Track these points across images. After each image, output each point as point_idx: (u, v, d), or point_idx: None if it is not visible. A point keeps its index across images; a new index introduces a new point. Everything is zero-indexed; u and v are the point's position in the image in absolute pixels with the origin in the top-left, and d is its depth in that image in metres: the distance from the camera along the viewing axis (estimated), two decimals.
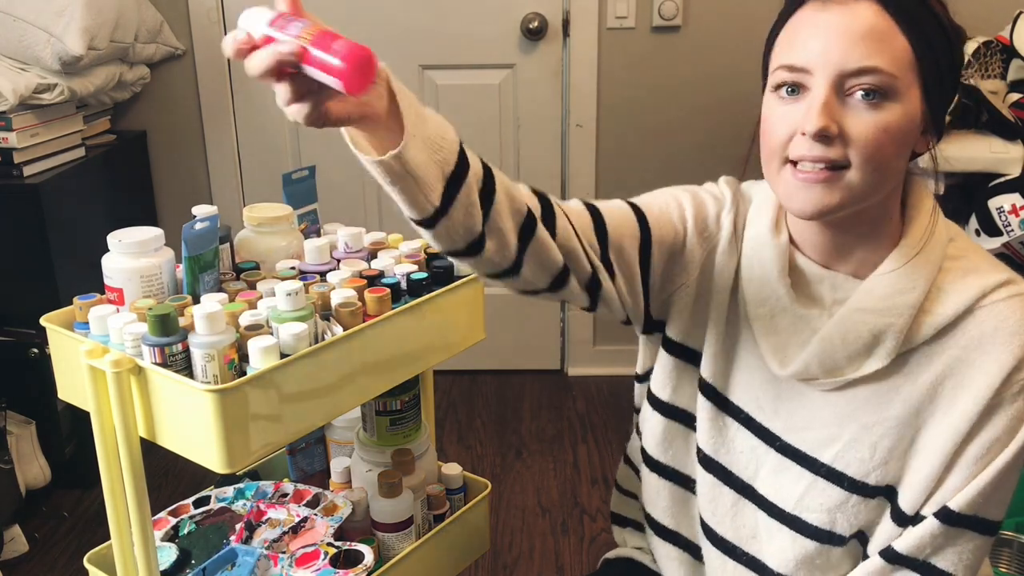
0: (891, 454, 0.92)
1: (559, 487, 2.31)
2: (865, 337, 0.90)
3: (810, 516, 0.96)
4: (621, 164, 2.68)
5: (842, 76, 0.83)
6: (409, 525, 1.19)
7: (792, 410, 0.97)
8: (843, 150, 0.84)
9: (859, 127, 0.83)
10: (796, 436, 0.97)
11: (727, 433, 1.02)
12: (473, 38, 2.59)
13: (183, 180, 2.74)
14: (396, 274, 1.17)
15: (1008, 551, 1.72)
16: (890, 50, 0.83)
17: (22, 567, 2.02)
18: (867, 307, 0.90)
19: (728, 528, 1.03)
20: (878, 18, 0.83)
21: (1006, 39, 2.18)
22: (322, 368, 1.01)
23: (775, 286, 0.95)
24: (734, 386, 1.01)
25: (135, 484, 0.99)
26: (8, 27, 2.14)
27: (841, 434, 0.94)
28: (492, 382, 2.84)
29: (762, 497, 1.00)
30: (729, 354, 1.01)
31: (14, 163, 2.10)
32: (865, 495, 0.94)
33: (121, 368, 0.94)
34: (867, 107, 0.83)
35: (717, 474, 1.03)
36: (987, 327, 0.88)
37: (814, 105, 0.83)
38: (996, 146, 1.98)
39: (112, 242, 1.07)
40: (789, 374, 0.95)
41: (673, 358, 1.04)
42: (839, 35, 0.83)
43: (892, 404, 0.91)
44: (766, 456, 0.99)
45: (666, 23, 2.55)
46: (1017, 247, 1.88)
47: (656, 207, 1.00)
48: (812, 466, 0.96)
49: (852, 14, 0.84)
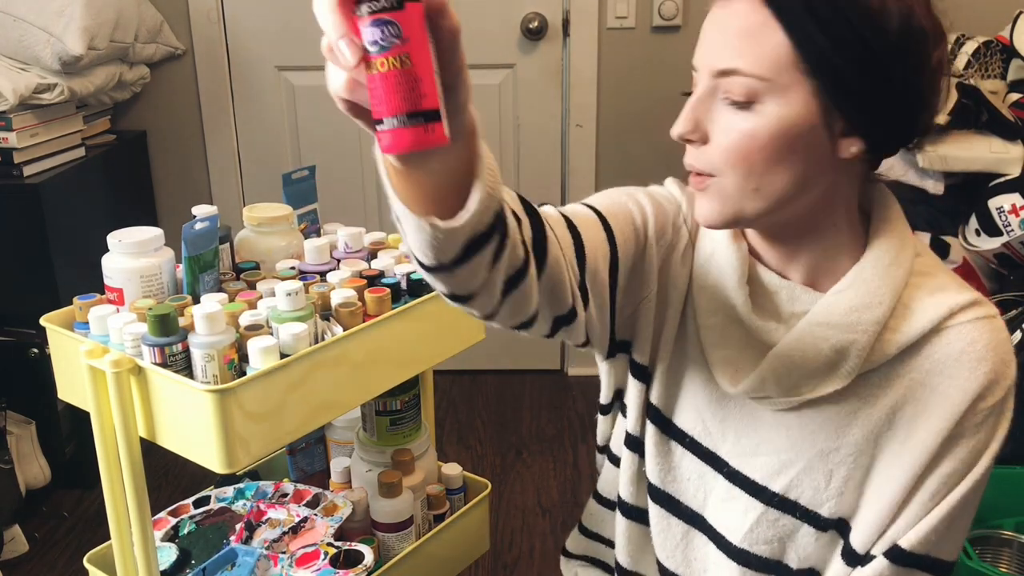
0: (846, 483, 0.86)
1: (559, 487, 2.31)
2: (826, 353, 0.83)
3: (760, 548, 0.90)
4: (621, 164, 2.68)
5: (714, 77, 0.78)
6: (409, 525, 1.19)
7: (741, 432, 0.90)
8: (708, 156, 0.80)
9: (721, 132, 0.79)
10: (745, 462, 0.90)
11: (672, 459, 0.95)
12: (473, 38, 2.59)
13: (183, 180, 2.74)
14: (396, 274, 1.17)
15: (1008, 551, 1.72)
16: (759, 49, 0.76)
17: (22, 567, 2.02)
18: (829, 322, 0.83)
19: (680, 563, 0.97)
20: (753, 14, 0.76)
21: (1006, 39, 2.18)
22: (322, 368, 1.01)
23: (732, 294, 0.87)
24: (680, 408, 0.94)
25: (135, 484, 0.99)
26: (8, 27, 2.14)
27: (795, 460, 0.87)
28: (492, 382, 2.84)
29: (711, 527, 0.94)
30: (676, 374, 0.94)
31: (14, 163, 2.10)
32: (817, 527, 0.88)
33: (121, 368, 0.94)
34: (734, 110, 0.78)
35: (665, 505, 0.96)
36: (953, 349, 0.82)
37: (684, 108, 0.80)
38: (996, 146, 1.97)
39: (112, 242, 1.07)
40: (740, 391, 0.87)
41: (641, 384, 0.95)
42: (716, 33, 0.79)
43: (849, 429, 0.85)
44: (714, 483, 0.93)
45: (666, 23, 2.55)
46: (1017, 247, 1.88)
47: (620, 216, 0.90)
48: (762, 495, 0.89)
49: (730, 10, 0.78)
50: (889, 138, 0.82)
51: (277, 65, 2.64)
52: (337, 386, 1.04)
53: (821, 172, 0.80)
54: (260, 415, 0.95)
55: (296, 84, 2.66)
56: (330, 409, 1.06)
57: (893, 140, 0.83)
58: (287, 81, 2.66)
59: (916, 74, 0.79)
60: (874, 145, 0.80)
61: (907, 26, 0.77)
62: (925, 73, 0.79)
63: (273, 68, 2.65)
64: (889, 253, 0.84)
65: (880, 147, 0.82)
